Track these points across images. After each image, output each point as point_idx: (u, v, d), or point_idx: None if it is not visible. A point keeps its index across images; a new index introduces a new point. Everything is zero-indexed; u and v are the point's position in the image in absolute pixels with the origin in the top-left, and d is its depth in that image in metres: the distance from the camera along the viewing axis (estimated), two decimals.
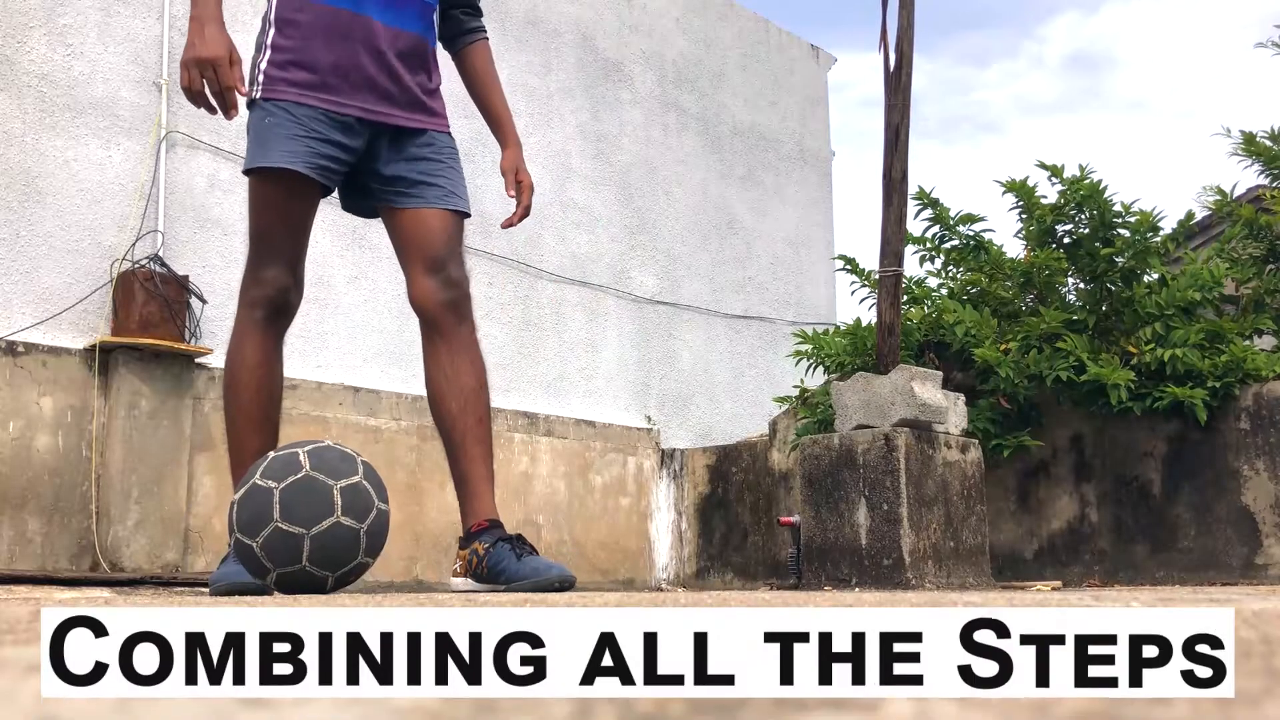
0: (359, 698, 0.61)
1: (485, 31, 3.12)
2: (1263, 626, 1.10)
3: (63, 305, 4.87)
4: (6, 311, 4.75)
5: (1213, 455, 4.29)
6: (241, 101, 2.64)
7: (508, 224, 2.96)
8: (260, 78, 2.66)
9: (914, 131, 4.13)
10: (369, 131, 2.73)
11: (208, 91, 2.55)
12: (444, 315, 2.75)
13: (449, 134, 2.91)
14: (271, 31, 2.69)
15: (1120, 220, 4.60)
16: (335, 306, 5.77)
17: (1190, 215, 4.88)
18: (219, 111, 2.59)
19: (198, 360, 5.00)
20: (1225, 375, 4.22)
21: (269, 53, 2.69)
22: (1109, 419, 4.48)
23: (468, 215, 2.86)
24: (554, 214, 6.87)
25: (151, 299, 4.85)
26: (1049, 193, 4.78)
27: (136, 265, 4.97)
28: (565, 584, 2.52)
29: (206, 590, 2.58)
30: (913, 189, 4.81)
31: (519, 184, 2.97)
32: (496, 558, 2.61)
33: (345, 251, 5.85)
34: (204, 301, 5.13)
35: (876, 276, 4.20)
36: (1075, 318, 4.58)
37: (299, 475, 2.19)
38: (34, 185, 4.92)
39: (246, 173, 2.71)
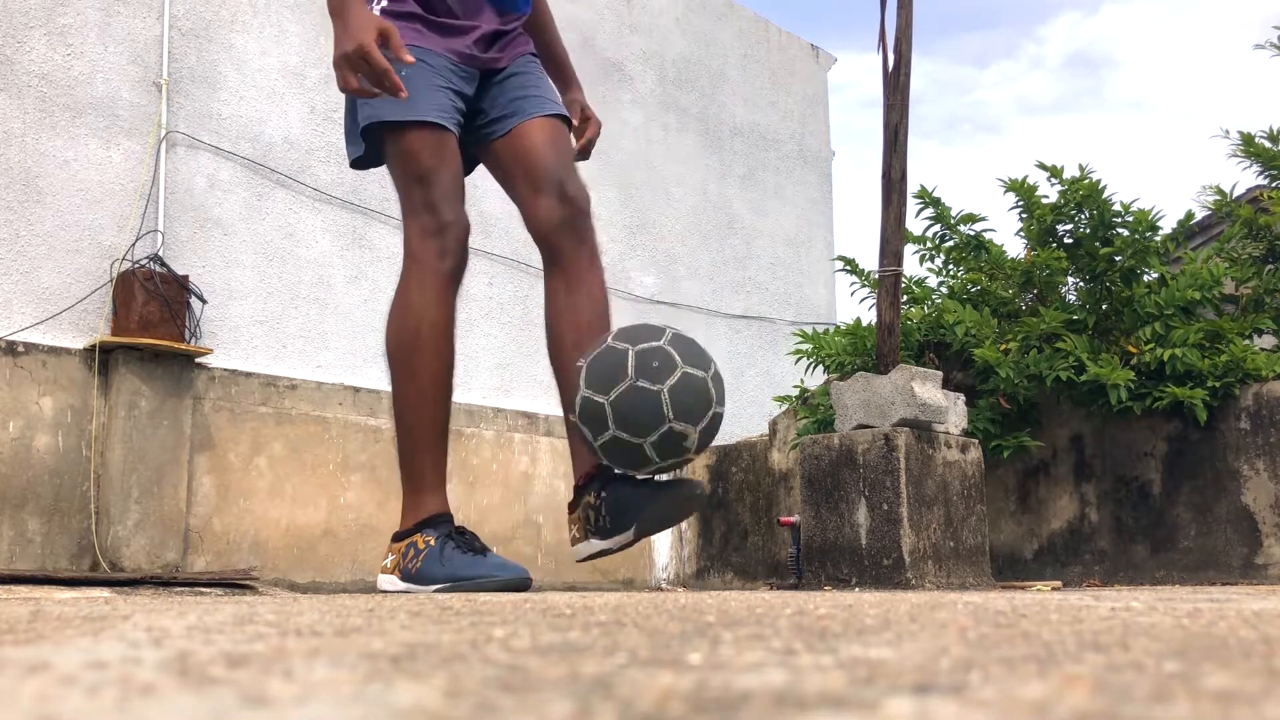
0: (359, 697, 0.61)
1: None
2: (1263, 626, 1.10)
3: (63, 305, 4.87)
4: (6, 311, 4.75)
5: (1213, 455, 4.29)
6: None
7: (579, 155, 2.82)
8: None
9: (913, 131, 4.13)
10: (476, 80, 2.65)
11: (367, 85, 2.38)
12: (563, 238, 2.58)
13: (533, 55, 2.82)
14: None
15: (1120, 220, 4.60)
16: (335, 306, 5.77)
17: (1190, 215, 4.89)
18: (394, 93, 2.38)
19: (198, 360, 5.00)
20: (1225, 375, 4.22)
21: (384, 1, 2.56)
22: (1109, 419, 4.49)
23: (568, 119, 2.75)
24: None
25: (151, 299, 4.85)
26: (1049, 193, 4.78)
27: (136, 265, 4.97)
28: (692, 503, 2.42)
29: (207, 590, 2.54)
30: (913, 188, 4.81)
31: (586, 119, 2.87)
32: (615, 500, 2.44)
33: (345, 251, 5.85)
34: (204, 301, 5.13)
35: (876, 276, 4.20)
36: (1075, 317, 4.59)
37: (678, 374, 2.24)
38: (34, 185, 4.92)
39: (380, 126, 2.52)
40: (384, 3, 2.58)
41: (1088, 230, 4.67)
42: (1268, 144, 4.74)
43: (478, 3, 2.70)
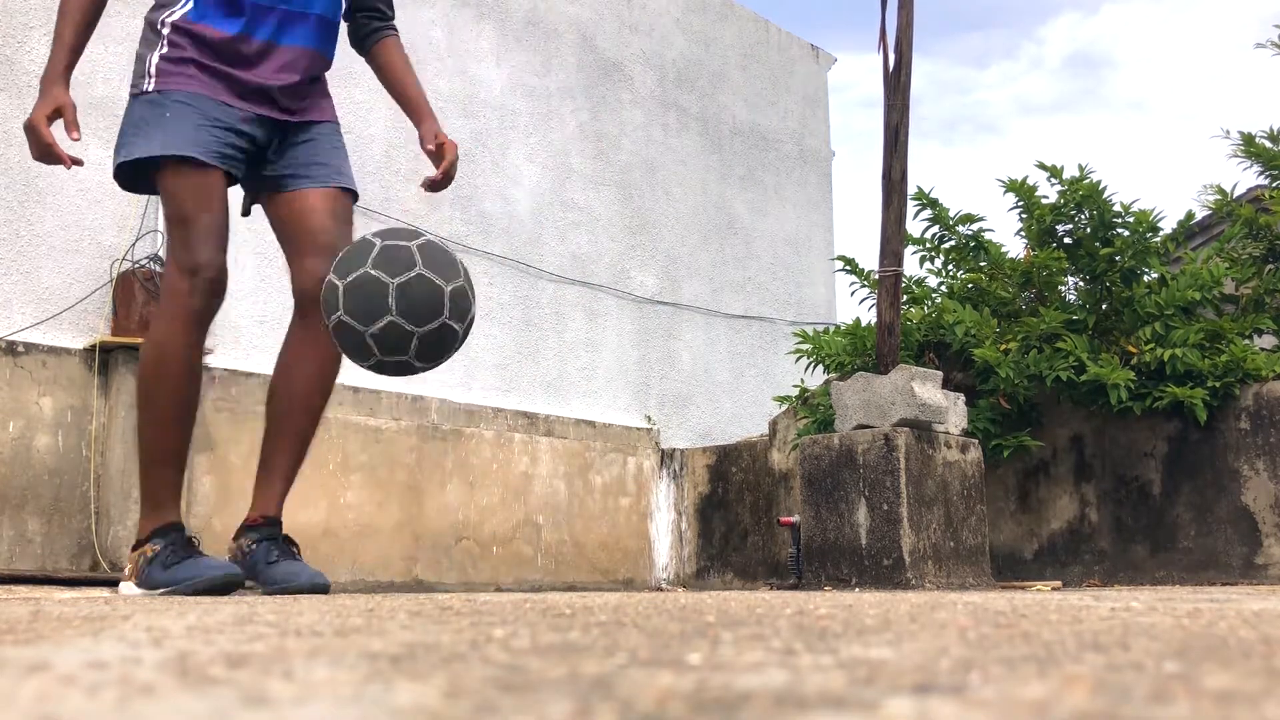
0: (359, 697, 0.61)
1: (395, 31, 3.14)
2: (1263, 626, 1.10)
3: (63, 305, 4.87)
4: (6, 311, 4.75)
5: (1213, 455, 4.29)
6: (126, 97, 2.73)
7: (428, 185, 2.94)
8: (152, 70, 2.69)
9: (913, 132, 4.13)
10: (266, 126, 2.77)
11: (41, 153, 2.64)
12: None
13: (335, 123, 2.96)
14: (165, 33, 2.71)
15: (1120, 220, 4.61)
16: None
17: (1190, 215, 4.88)
18: (59, 164, 2.67)
19: None
20: (1225, 375, 4.22)
21: (165, 47, 2.70)
22: (1109, 419, 4.48)
23: (356, 196, 2.89)
24: (554, 214, 6.87)
25: (151, 299, 4.85)
26: (1049, 193, 4.78)
27: (136, 265, 4.97)
28: (317, 589, 2.55)
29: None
30: (912, 189, 4.81)
31: (440, 144, 2.93)
32: (256, 557, 2.66)
33: None
34: None
35: (876, 276, 4.20)
36: (1075, 318, 4.59)
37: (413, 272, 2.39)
38: (34, 185, 4.92)
39: (144, 161, 2.66)
40: (164, 49, 2.70)
41: (1088, 230, 4.67)
42: (1268, 144, 4.74)
43: (275, 54, 2.79)
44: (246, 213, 2.96)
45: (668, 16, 7.88)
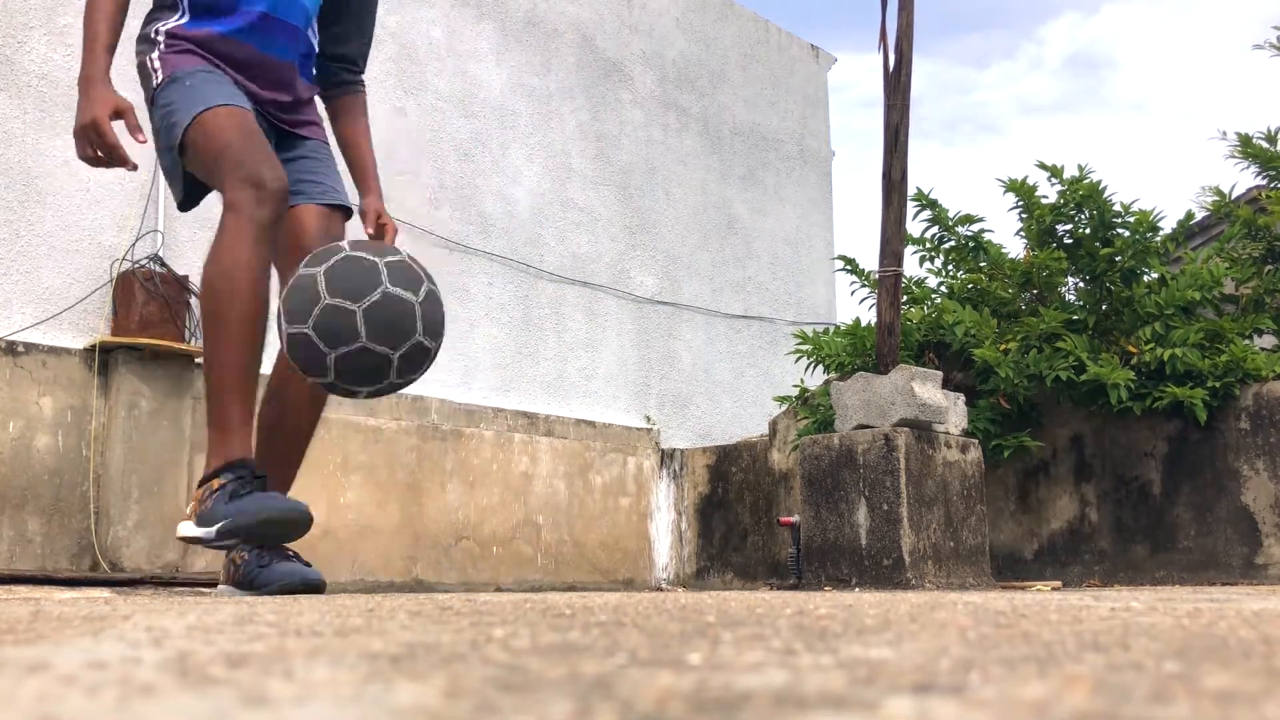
0: (359, 697, 0.61)
1: (363, 87, 3.16)
2: (1263, 626, 1.10)
3: (63, 305, 4.87)
4: (6, 311, 4.75)
5: (1213, 455, 4.29)
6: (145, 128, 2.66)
7: None
8: (156, 65, 2.67)
9: (914, 132, 4.13)
10: (264, 124, 2.76)
11: (100, 157, 2.57)
12: None
13: (325, 141, 2.98)
14: (161, 40, 2.71)
15: (1120, 220, 4.61)
16: None
17: (1190, 215, 4.88)
18: (122, 166, 2.58)
19: (198, 360, 5.00)
20: (1225, 375, 4.22)
21: (161, 48, 2.70)
22: (1109, 419, 4.48)
23: (350, 212, 2.90)
24: (554, 214, 6.87)
25: (151, 299, 4.85)
26: (1049, 193, 4.78)
27: (136, 265, 4.97)
28: (312, 587, 2.51)
29: (208, 590, 2.56)
30: (912, 189, 4.81)
31: (381, 225, 2.98)
32: (248, 563, 2.59)
33: None
34: None
35: (876, 277, 4.20)
36: (1075, 317, 4.59)
37: (341, 255, 2.35)
38: (34, 185, 4.92)
39: (181, 136, 2.60)
40: (162, 49, 2.69)
41: (1088, 230, 4.67)
42: (1265, 145, 4.74)
43: (266, 65, 2.79)
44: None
45: (668, 16, 7.88)
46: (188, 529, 2.47)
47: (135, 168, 2.62)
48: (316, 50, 3.00)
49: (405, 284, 2.34)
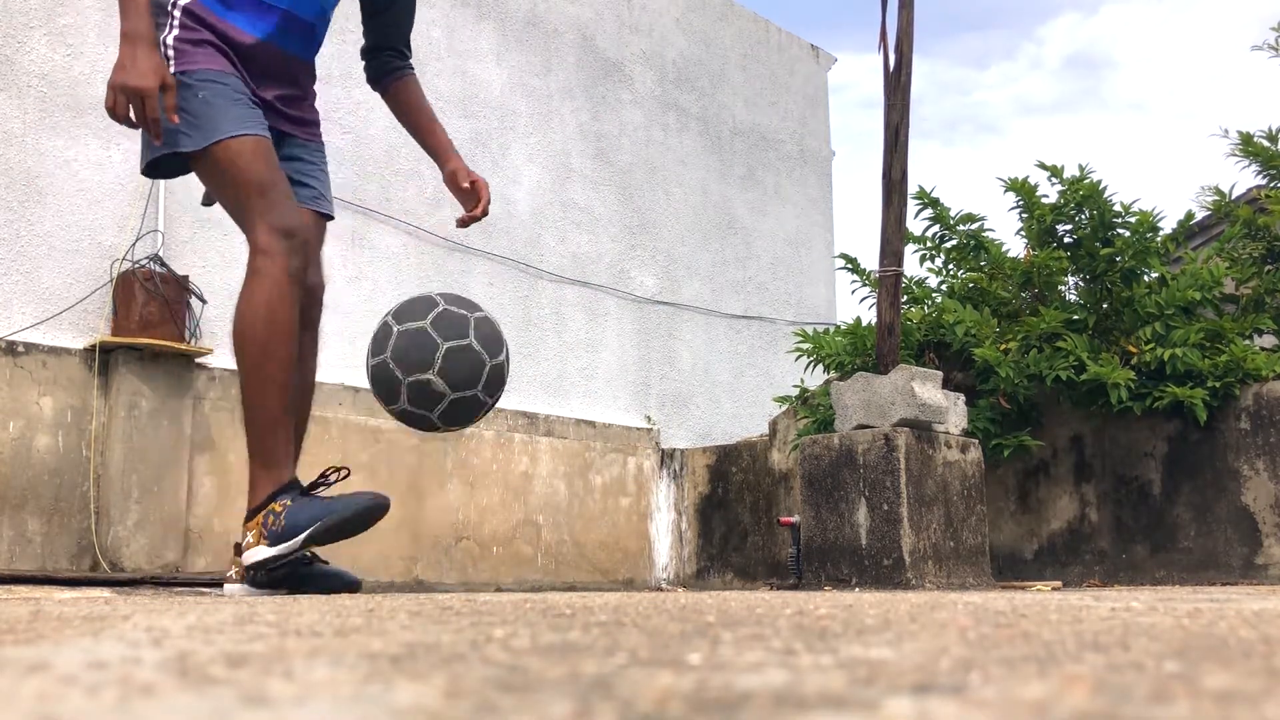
0: (359, 697, 0.61)
1: (412, 70, 3.16)
2: (1263, 626, 1.10)
3: (63, 305, 4.87)
4: (6, 311, 4.75)
5: (1213, 455, 4.29)
6: None
7: (464, 222, 3.00)
8: (170, 52, 2.62)
9: (914, 132, 4.13)
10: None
11: (132, 116, 2.53)
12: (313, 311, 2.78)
13: (322, 145, 2.98)
14: (177, 15, 2.65)
15: (1120, 220, 4.60)
16: (335, 307, 5.76)
17: (1190, 215, 4.88)
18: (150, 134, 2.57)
19: (198, 360, 5.00)
20: (1225, 375, 4.22)
21: (177, 29, 2.65)
22: (1109, 419, 4.48)
23: (332, 219, 2.95)
24: (554, 214, 6.87)
25: (151, 299, 4.85)
26: (1049, 193, 4.78)
27: (136, 265, 4.97)
28: (353, 588, 2.54)
29: (208, 590, 2.56)
30: (912, 189, 4.81)
31: (474, 182, 3.00)
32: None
33: (345, 252, 5.85)
34: (204, 301, 5.13)
35: (877, 276, 4.20)
36: (1075, 317, 4.59)
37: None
38: (34, 185, 4.92)
39: (200, 151, 2.59)
40: (177, 30, 2.64)
41: (1088, 230, 4.66)
42: (1266, 144, 4.74)
43: (277, 60, 2.78)
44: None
45: (668, 16, 7.88)
46: (261, 553, 2.50)
47: (160, 141, 2.57)
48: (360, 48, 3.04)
49: (485, 341, 2.62)
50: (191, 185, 5.40)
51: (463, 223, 2.99)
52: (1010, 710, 0.55)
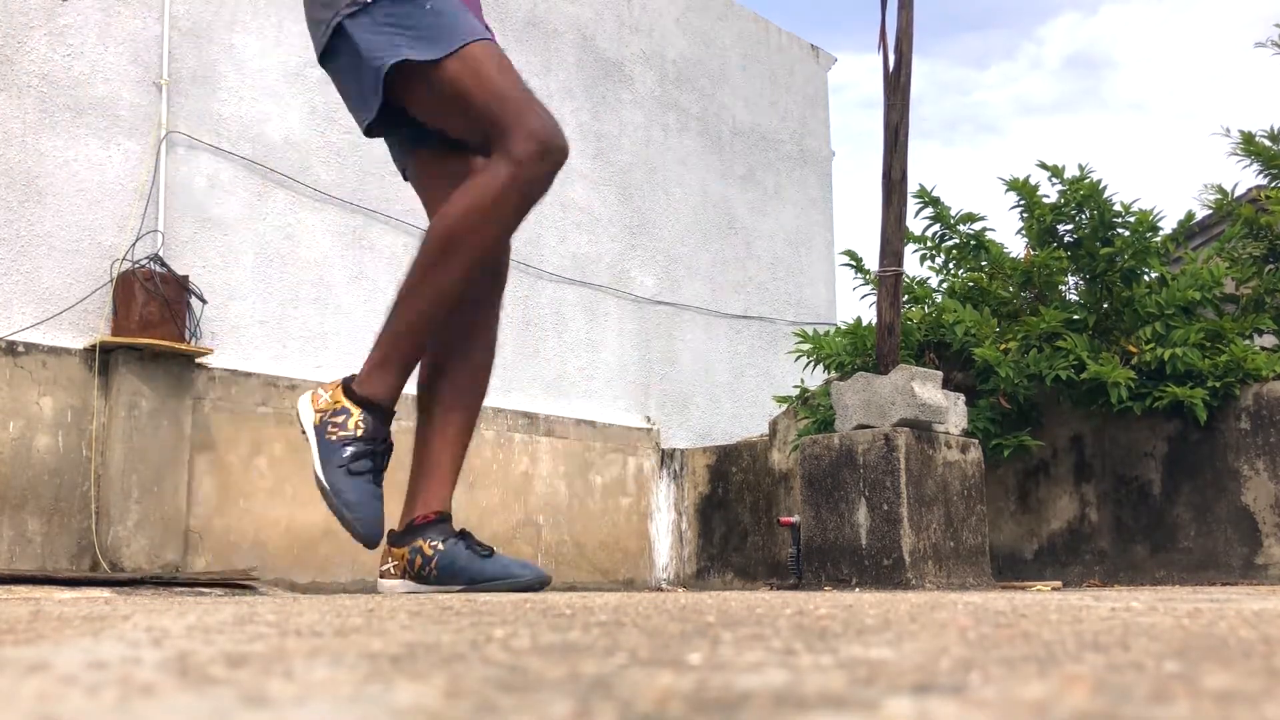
0: (359, 697, 0.61)
1: None
2: (1263, 626, 1.10)
3: (63, 305, 4.87)
4: (6, 311, 4.75)
5: (1213, 455, 4.29)
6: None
7: None
8: None
9: (913, 132, 4.13)
10: None
11: None
12: (504, 270, 2.55)
13: None
14: None
15: (1120, 220, 4.60)
16: (335, 306, 5.76)
17: (1190, 215, 4.88)
18: None
19: (198, 360, 5.00)
20: (1225, 375, 4.22)
21: None
22: (1109, 419, 4.48)
23: None
24: (554, 214, 6.87)
25: (151, 299, 4.85)
26: (1050, 192, 4.78)
27: (136, 265, 4.97)
28: (541, 585, 2.41)
29: (208, 590, 2.55)
30: (913, 188, 4.81)
31: None
32: (454, 552, 2.49)
33: (345, 251, 5.85)
34: (204, 301, 5.13)
35: (877, 276, 4.20)
36: (1075, 317, 4.58)
37: None
38: (34, 185, 4.92)
39: (439, 60, 2.36)
40: None
41: (1088, 230, 4.66)
42: (1268, 143, 4.74)
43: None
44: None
45: (668, 16, 7.88)
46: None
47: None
48: None
49: None
50: (192, 185, 5.40)
51: None
52: (1010, 710, 0.55)
